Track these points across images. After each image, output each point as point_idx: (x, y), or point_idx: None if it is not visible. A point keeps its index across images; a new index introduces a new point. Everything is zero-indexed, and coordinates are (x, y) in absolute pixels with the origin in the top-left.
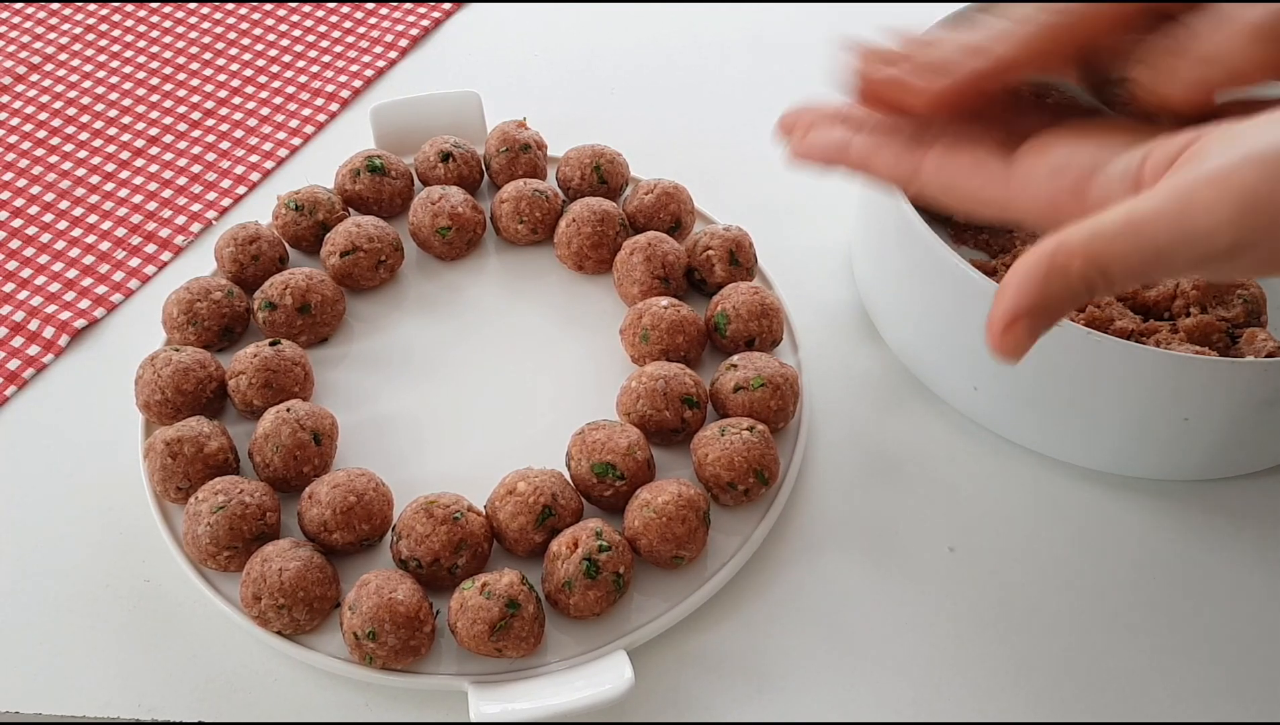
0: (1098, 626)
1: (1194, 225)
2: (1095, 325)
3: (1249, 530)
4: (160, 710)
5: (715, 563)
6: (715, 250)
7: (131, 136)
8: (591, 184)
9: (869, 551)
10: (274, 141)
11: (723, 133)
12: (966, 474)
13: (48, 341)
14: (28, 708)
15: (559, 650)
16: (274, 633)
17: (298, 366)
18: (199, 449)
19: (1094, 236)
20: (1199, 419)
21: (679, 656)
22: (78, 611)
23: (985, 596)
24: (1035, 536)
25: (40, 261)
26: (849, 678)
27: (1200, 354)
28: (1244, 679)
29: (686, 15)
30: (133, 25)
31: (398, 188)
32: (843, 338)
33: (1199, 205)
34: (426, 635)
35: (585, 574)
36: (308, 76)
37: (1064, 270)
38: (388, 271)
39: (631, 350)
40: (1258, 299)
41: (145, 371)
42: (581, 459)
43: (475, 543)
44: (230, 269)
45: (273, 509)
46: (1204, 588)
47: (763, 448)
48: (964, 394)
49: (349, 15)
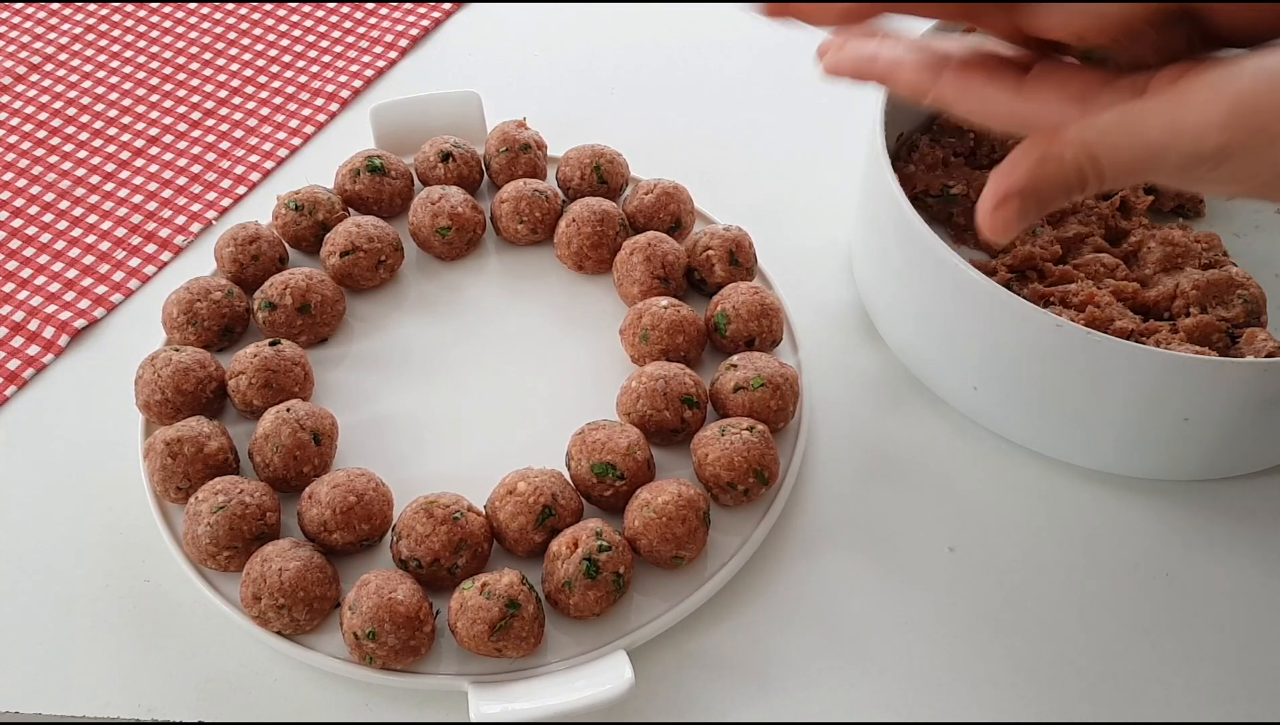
0: (1097, 626)
1: (1185, 123)
2: (1095, 325)
3: (1249, 530)
4: (160, 710)
5: (715, 563)
6: (715, 250)
7: (131, 136)
8: (591, 184)
9: (869, 551)
10: (274, 141)
11: (723, 133)
12: (966, 474)
13: (48, 341)
14: (28, 708)
15: (559, 650)
16: (274, 633)
17: (298, 366)
18: (199, 449)
19: (1089, 126)
20: (1199, 419)
21: (679, 656)
22: (78, 611)
23: (985, 596)
24: (1035, 536)
25: (40, 261)
26: (849, 678)
27: (1200, 354)
28: (1244, 679)
29: (686, 15)
30: (133, 25)
31: (398, 188)
32: (843, 338)
33: (1193, 105)
34: (426, 635)
35: (585, 574)
36: (308, 76)
37: (1058, 157)
38: (388, 271)
39: (631, 350)
40: (1258, 299)
41: (145, 371)
42: (581, 459)
43: (475, 543)
44: (230, 269)
45: (273, 509)
46: (1204, 587)
47: (763, 448)
48: (964, 394)
49: (349, 15)
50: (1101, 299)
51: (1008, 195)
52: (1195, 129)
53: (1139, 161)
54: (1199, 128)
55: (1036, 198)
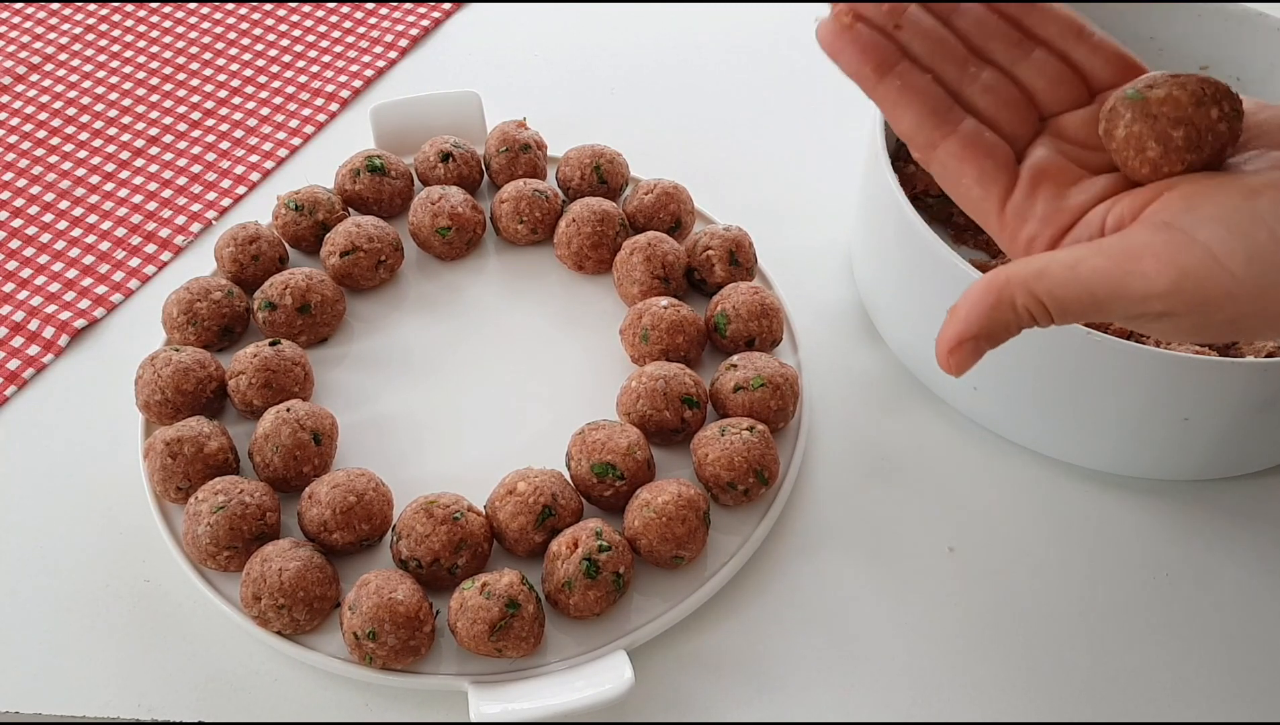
0: (1097, 626)
1: (1130, 289)
2: (1095, 325)
3: (1249, 530)
4: (160, 710)
5: (715, 563)
6: (715, 250)
7: (131, 136)
8: (591, 184)
9: (869, 551)
10: (274, 141)
11: (723, 133)
12: (966, 474)
13: (48, 341)
14: (28, 708)
15: (559, 650)
16: (274, 633)
17: (298, 366)
18: (199, 449)
19: (1039, 276)
20: (1199, 419)
21: (679, 656)
22: (78, 611)
23: (985, 596)
24: (1035, 536)
25: (40, 261)
26: (849, 678)
27: (1200, 354)
28: (1244, 678)
29: (686, 15)
30: (133, 25)
31: (398, 188)
32: (843, 338)
33: (1138, 273)
34: (426, 635)
35: (585, 574)
36: (308, 76)
37: (1010, 303)
38: (388, 271)
39: (631, 350)
40: None
41: (145, 371)
42: (581, 459)
43: (475, 543)
44: (230, 269)
45: (273, 509)
46: (1203, 587)
47: (763, 448)
48: (964, 394)
49: (349, 15)
50: None
51: (963, 339)
52: (1138, 295)
53: (1085, 311)
54: (1142, 294)
55: (990, 339)
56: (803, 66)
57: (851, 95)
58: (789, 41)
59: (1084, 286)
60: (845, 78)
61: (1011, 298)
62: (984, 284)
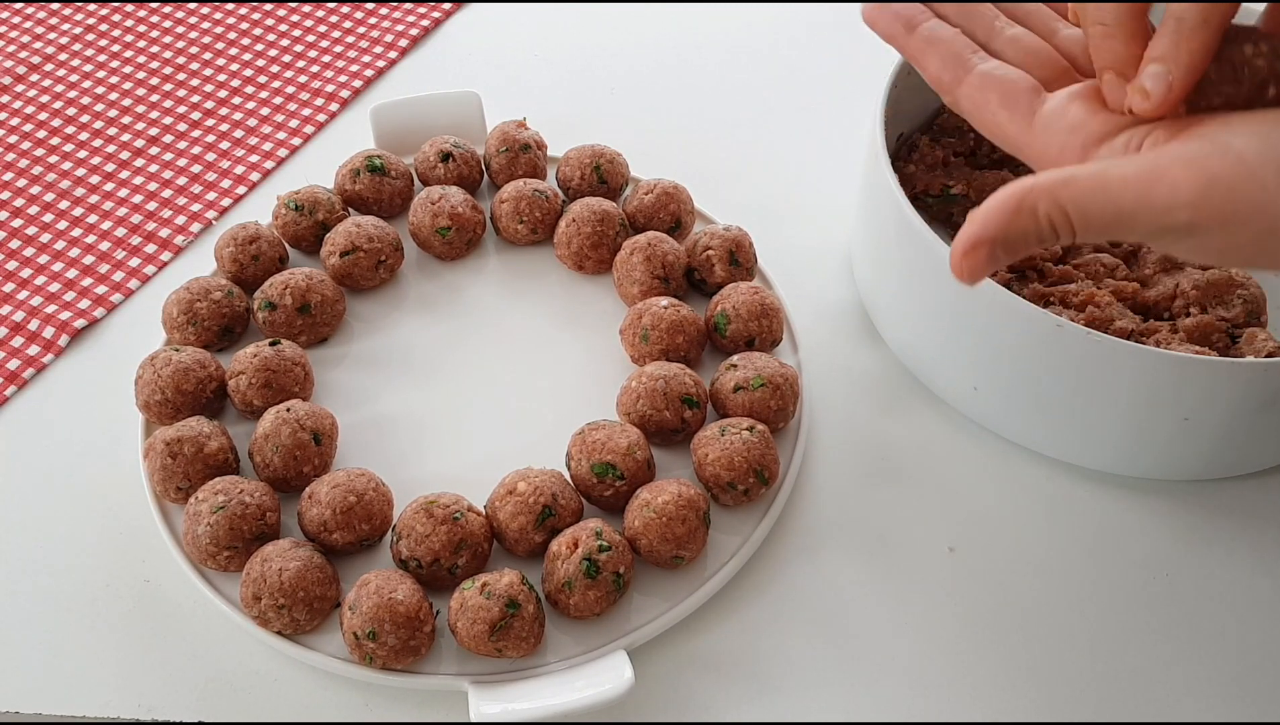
0: (1097, 626)
1: (1156, 197)
2: (1095, 325)
3: (1249, 530)
4: (160, 710)
5: (715, 563)
6: (715, 250)
7: (131, 136)
8: (591, 184)
9: (869, 551)
10: (274, 141)
11: (723, 133)
12: (966, 474)
13: (48, 341)
14: (28, 708)
15: (559, 650)
16: (274, 633)
17: (298, 366)
18: (199, 449)
19: (1065, 184)
20: (1199, 419)
21: (679, 656)
22: (78, 611)
23: (985, 596)
24: (1035, 536)
25: (40, 261)
26: (849, 678)
27: (1200, 354)
28: (1244, 678)
29: (686, 15)
30: (133, 25)
31: (398, 188)
32: (843, 338)
33: (1166, 180)
34: (426, 635)
35: (585, 574)
36: (308, 76)
37: (1032, 210)
38: (388, 271)
39: (631, 350)
40: (1258, 299)
41: (145, 371)
42: (581, 459)
43: (475, 543)
44: (230, 269)
45: (273, 509)
46: (1204, 587)
47: (763, 448)
48: (964, 394)
49: (349, 15)
50: (1101, 299)
51: (979, 242)
52: (1164, 204)
53: (1109, 224)
54: (1168, 203)
55: (1007, 247)
56: (803, 66)
57: (852, 95)
58: (789, 41)
59: (1110, 196)
60: (845, 78)
61: (1034, 204)
62: (1007, 190)
